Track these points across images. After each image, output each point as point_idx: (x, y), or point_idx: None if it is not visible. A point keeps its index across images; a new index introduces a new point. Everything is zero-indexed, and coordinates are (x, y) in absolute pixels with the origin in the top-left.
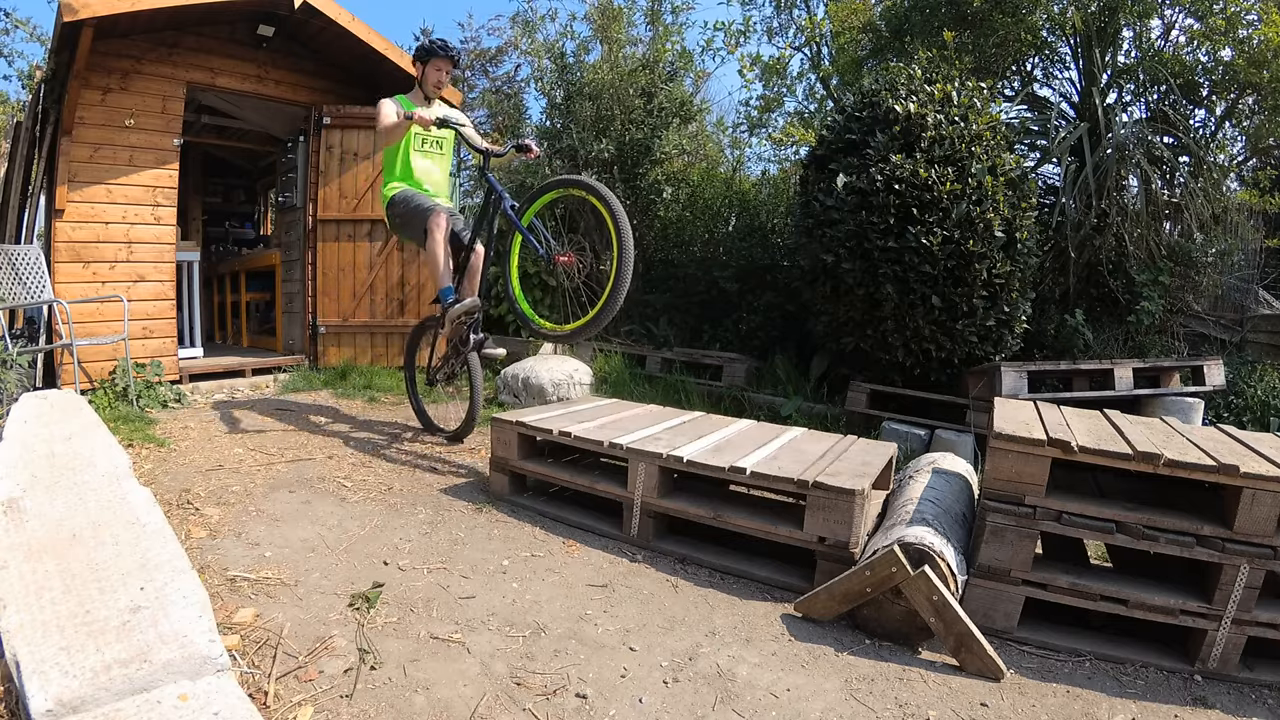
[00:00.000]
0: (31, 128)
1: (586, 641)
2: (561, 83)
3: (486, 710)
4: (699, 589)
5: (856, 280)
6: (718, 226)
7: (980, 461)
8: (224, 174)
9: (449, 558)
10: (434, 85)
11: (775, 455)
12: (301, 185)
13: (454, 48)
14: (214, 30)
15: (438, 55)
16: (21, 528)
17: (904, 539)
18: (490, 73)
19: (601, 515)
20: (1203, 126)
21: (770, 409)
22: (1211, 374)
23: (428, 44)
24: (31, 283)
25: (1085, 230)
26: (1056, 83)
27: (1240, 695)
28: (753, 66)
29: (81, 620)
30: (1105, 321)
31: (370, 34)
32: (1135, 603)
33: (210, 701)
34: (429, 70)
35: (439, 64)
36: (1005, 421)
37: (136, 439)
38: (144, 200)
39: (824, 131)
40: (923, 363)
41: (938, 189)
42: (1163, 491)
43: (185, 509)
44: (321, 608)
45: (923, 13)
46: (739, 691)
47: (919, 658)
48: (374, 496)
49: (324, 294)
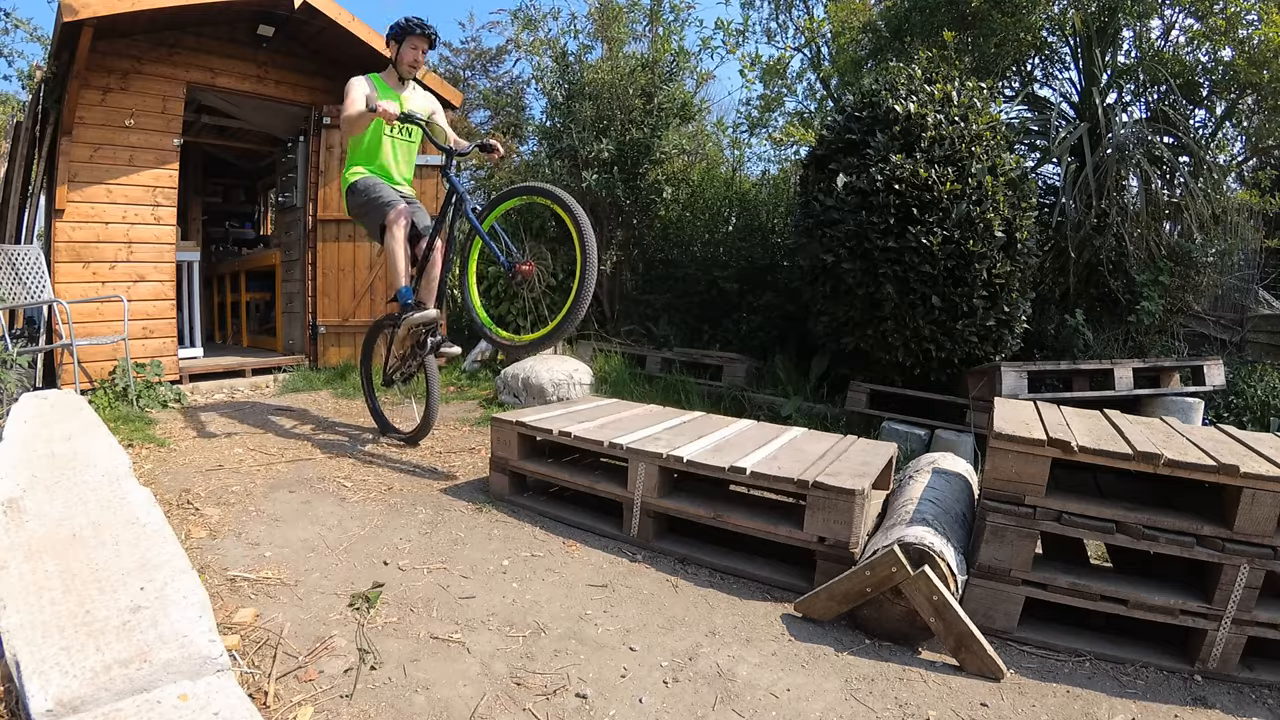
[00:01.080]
0: (31, 128)
1: (586, 641)
2: (562, 82)
3: (486, 710)
4: (699, 589)
5: (856, 280)
6: (718, 226)
7: (980, 461)
8: (224, 174)
9: (449, 558)
10: (409, 65)
11: (775, 455)
12: (301, 185)
13: (431, 27)
14: (214, 30)
15: (414, 34)
16: (21, 527)
17: (904, 539)
18: (491, 72)
19: (601, 515)
20: (1203, 126)
21: (770, 409)
22: (1211, 374)
23: (404, 21)
24: (31, 283)
25: (1085, 230)
26: (1056, 83)
27: (1240, 695)
28: (753, 66)
29: (81, 620)
30: (1105, 321)
31: (370, 34)
32: (1135, 603)
33: (210, 701)
34: (404, 50)
35: (415, 43)
36: (1005, 421)
37: (136, 439)
38: (144, 200)
39: (824, 131)
40: (923, 363)
41: (938, 189)
42: (1163, 492)
43: (185, 509)
44: (321, 608)
45: (923, 13)
46: (739, 691)
47: (919, 658)
48: (374, 496)
49: (324, 294)
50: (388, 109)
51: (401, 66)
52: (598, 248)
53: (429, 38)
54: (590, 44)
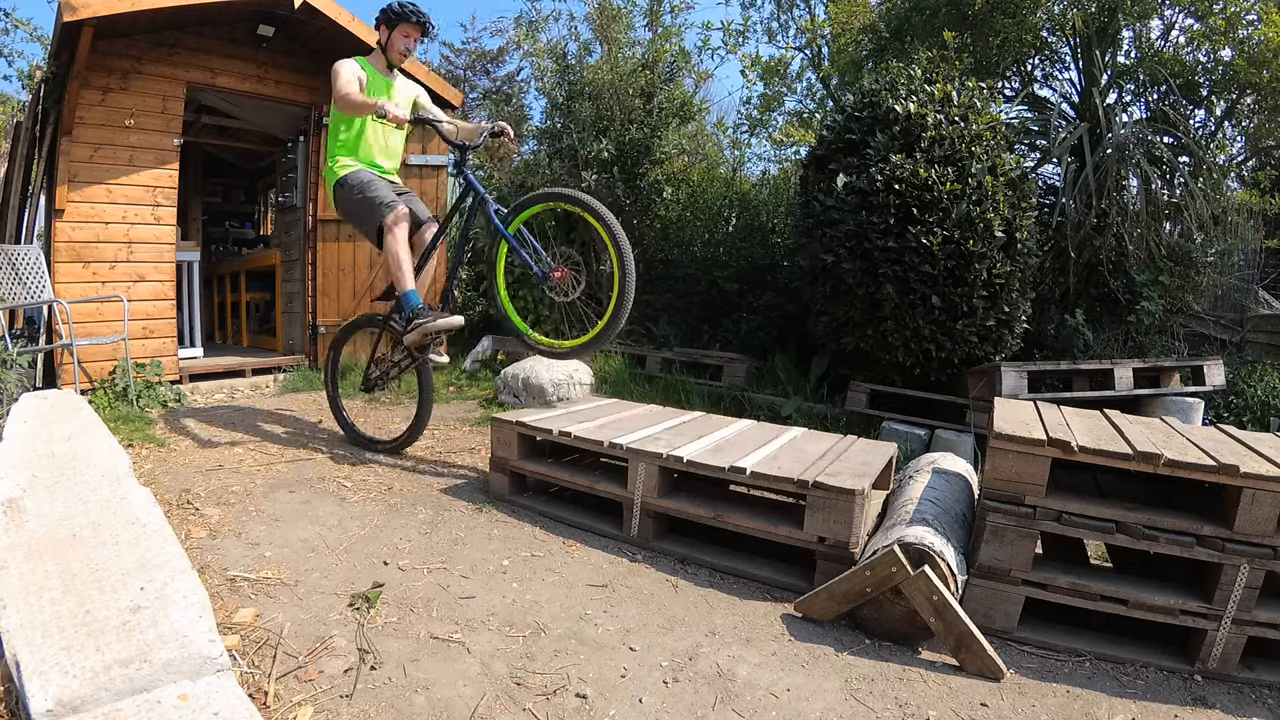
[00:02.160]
0: (31, 128)
1: (586, 641)
2: (563, 83)
3: (486, 710)
4: (699, 589)
5: (856, 280)
6: (718, 226)
7: (980, 461)
8: (224, 174)
9: (449, 558)
10: (399, 53)
11: (775, 455)
12: (301, 185)
13: (426, 15)
14: (214, 30)
15: (408, 21)
16: (21, 527)
17: (904, 539)
18: (491, 73)
19: (601, 515)
20: (1203, 126)
21: (770, 409)
22: (1211, 374)
23: (397, 6)
24: (31, 283)
25: (1085, 230)
26: (1056, 83)
27: (1240, 695)
28: (753, 66)
29: (81, 620)
30: (1105, 321)
31: (370, 34)
32: (1135, 603)
33: (210, 701)
34: (395, 36)
35: (408, 30)
36: (1005, 421)
37: (136, 439)
38: (144, 200)
39: (824, 131)
40: (923, 363)
41: (938, 189)
42: (1163, 492)
43: (185, 509)
44: (321, 608)
45: (923, 13)
46: (739, 691)
47: (919, 658)
48: (374, 496)
49: (324, 294)
50: (399, 115)
51: (392, 54)
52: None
53: (423, 26)
54: (590, 45)
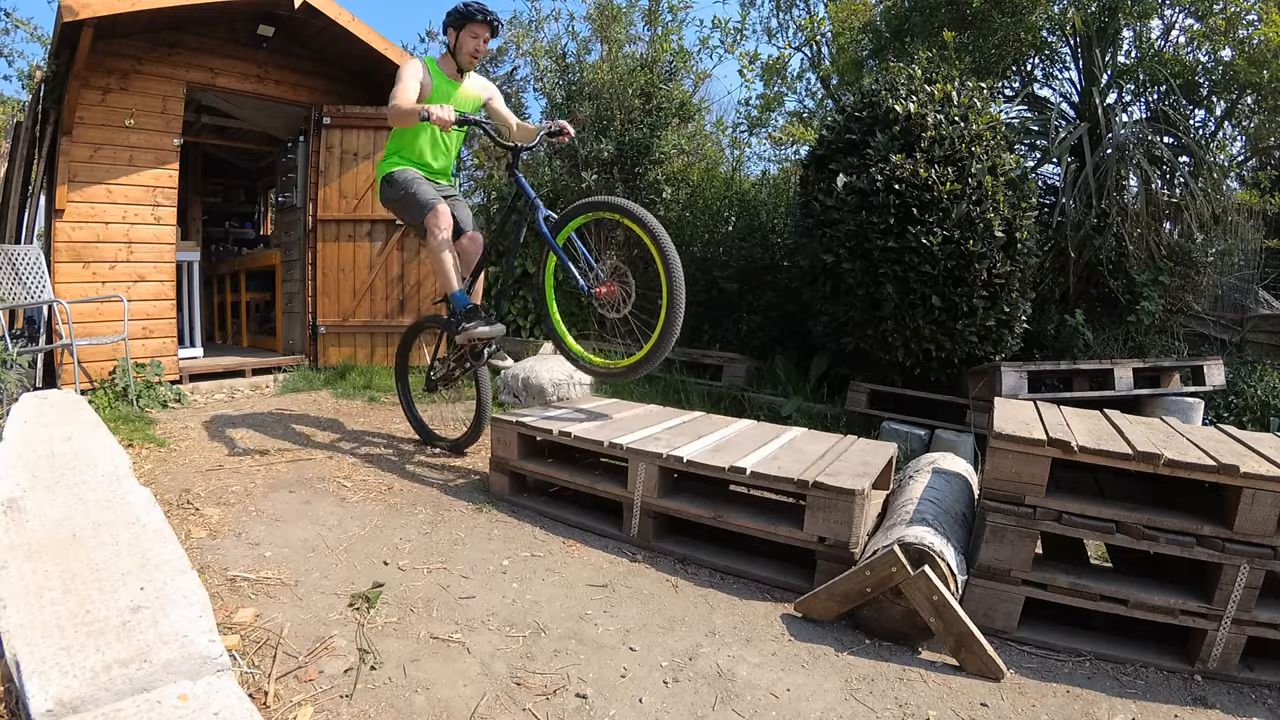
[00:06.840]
0: (31, 128)
1: (586, 641)
2: (562, 83)
3: (486, 710)
4: (699, 589)
5: (856, 280)
6: (718, 226)
7: (980, 461)
8: (224, 174)
9: (449, 558)
10: (469, 55)
11: (775, 455)
12: (301, 185)
13: (494, 13)
14: (214, 30)
15: (475, 20)
16: (21, 528)
17: (904, 539)
18: (491, 73)
19: (601, 515)
20: (1203, 126)
21: (770, 409)
22: (1211, 374)
23: (463, 7)
24: (31, 283)
25: (1085, 230)
26: (1056, 83)
27: (1240, 695)
28: (752, 65)
29: (81, 620)
30: (1105, 321)
31: (370, 34)
32: (1135, 603)
33: (210, 701)
34: (464, 37)
35: (476, 30)
36: (1005, 421)
37: (136, 439)
38: (144, 200)
39: (824, 131)
40: (923, 363)
41: (938, 189)
42: (1163, 492)
43: (185, 509)
44: (321, 608)
45: (923, 13)
46: (739, 691)
47: (919, 658)
48: (374, 496)
49: (324, 294)
50: (443, 117)
51: (461, 56)
52: (598, 248)
53: (492, 25)
54: (588, 45)
